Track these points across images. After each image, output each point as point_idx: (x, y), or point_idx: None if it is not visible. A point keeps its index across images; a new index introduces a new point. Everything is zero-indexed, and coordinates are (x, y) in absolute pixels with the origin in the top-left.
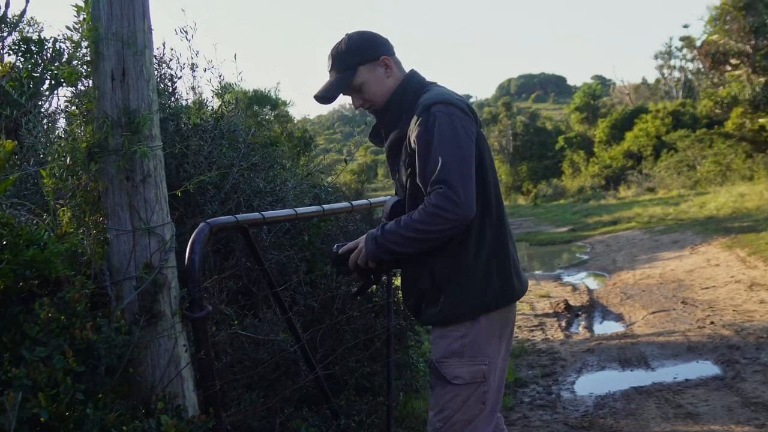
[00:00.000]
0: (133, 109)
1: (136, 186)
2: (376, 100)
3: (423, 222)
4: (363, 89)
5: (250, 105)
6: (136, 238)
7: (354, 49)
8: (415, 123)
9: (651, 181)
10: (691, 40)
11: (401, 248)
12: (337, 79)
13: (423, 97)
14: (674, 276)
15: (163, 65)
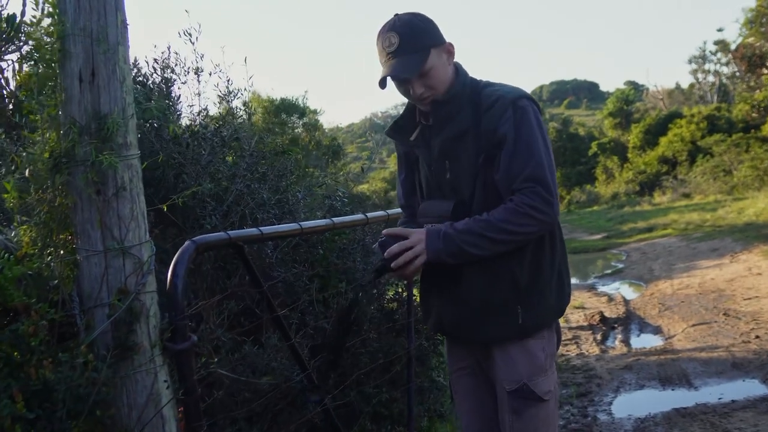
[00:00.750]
0: (104, 114)
1: (108, 200)
2: (439, 89)
3: (512, 222)
4: (430, 74)
5: (278, 113)
6: (109, 260)
7: (427, 30)
8: (500, 115)
9: (686, 186)
10: (725, 44)
11: (477, 250)
12: (414, 60)
13: (494, 89)
14: (714, 286)
15: (166, 69)
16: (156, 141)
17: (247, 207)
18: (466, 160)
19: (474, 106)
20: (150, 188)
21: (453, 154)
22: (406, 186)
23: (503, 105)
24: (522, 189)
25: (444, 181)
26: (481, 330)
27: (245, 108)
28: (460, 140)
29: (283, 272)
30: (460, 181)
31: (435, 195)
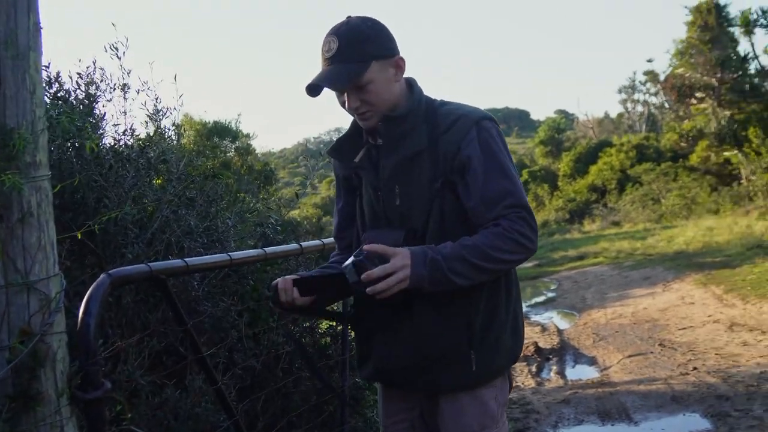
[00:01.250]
0: (9, 128)
1: (11, 228)
2: (378, 105)
3: (500, 249)
4: (368, 89)
5: (210, 136)
6: (10, 296)
7: (372, 38)
8: (462, 136)
9: (616, 214)
10: (655, 74)
11: (461, 279)
12: (349, 70)
13: (452, 108)
14: (648, 315)
15: (91, 85)
16: (76, 161)
17: (173, 235)
18: (420, 185)
19: (429, 126)
20: (68, 213)
21: (405, 177)
22: (343, 214)
23: (466, 125)
24: (507, 215)
25: (392, 208)
26: (430, 377)
27: (175, 128)
28: (413, 162)
29: (210, 307)
30: (411, 208)
31: (380, 224)
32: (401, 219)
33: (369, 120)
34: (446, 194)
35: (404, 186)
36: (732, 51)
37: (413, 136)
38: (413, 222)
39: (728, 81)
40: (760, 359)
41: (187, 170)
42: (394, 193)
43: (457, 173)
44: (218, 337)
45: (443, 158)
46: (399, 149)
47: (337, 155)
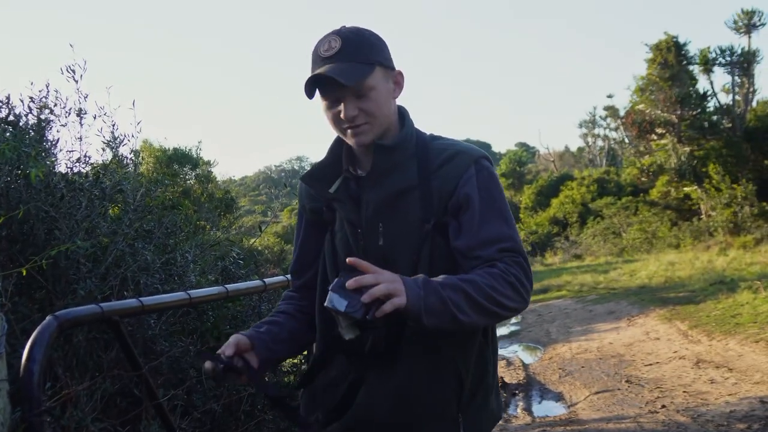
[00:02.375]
0: None
1: None
2: (377, 119)
3: (498, 291)
4: (370, 96)
5: (170, 163)
6: None
7: (376, 44)
8: (460, 174)
9: (578, 247)
10: (615, 110)
11: (461, 315)
12: (356, 69)
13: (447, 143)
14: (613, 350)
15: (44, 109)
16: (25, 191)
17: (128, 270)
18: (408, 225)
19: (420, 161)
20: (16, 245)
21: (390, 215)
22: (305, 249)
23: (464, 162)
24: (502, 258)
25: (374, 249)
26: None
27: (133, 156)
28: (400, 199)
29: (168, 346)
30: (396, 250)
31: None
32: (384, 261)
33: (363, 135)
34: (437, 237)
35: (389, 225)
36: (691, 88)
37: (403, 169)
38: (398, 266)
39: (688, 118)
40: (729, 397)
41: (144, 201)
42: (377, 232)
43: (452, 214)
44: (176, 379)
45: (437, 197)
46: (386, 183)
47: (313, 183)
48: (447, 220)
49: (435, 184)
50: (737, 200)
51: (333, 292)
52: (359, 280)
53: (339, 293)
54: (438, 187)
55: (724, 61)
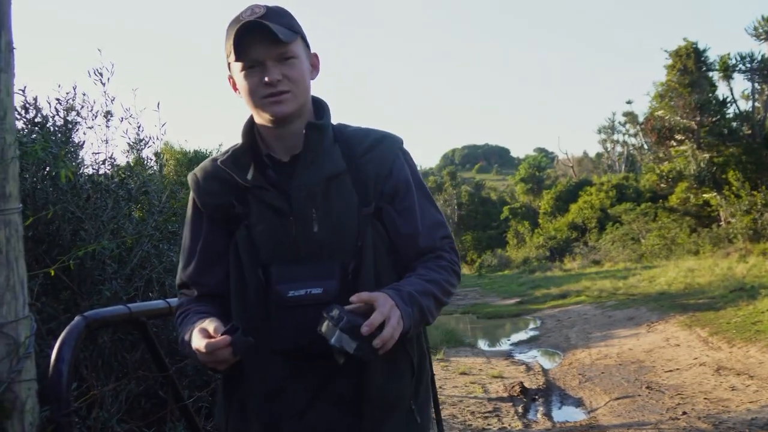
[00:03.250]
0: None
1: None
2: (299, 87)
3: (451, 283)
4: (294, 63)
5: (191, 166)
6: None
7: (296, 19)
8: (391, 159)
9: (596, 253)
10: (634, 116)
11: (430, 317)
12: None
13: (361, 129)
14: (633, 356)
15: (70, 111)
16: (51, 191)
17: (153, 271)
18: (346, 211)
19: (341, 147)
20: (42, 245)
21: (323, 201)
22: (208, 254)
23: (392, 147)
24: (443, 246)
25: (308, 237)
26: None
27: (157, 158)
28: (332, 185)
29: None
30: (335, 237)
31: (288, 257)
32: (320, 250)
33: (284, 104)
34: (376, 222)
35: (324, 211)
36: (711, 95)
37: (329, 154)
38: (338, 254)
39: (707, 124)
40: (750, 405)
41: (169, 202)
42: (311, 219)
43: (387, 198)
44: (201, 381)
45: (373, 182)
46: (315, 168)
47: (234, 169)
48: (382, 205)
49: (366, 169)
50: (757, 207)
51: (343, 333)
52: (372, 324)
53: (349, 334)
54: (372, 172)
55: (743, 68)
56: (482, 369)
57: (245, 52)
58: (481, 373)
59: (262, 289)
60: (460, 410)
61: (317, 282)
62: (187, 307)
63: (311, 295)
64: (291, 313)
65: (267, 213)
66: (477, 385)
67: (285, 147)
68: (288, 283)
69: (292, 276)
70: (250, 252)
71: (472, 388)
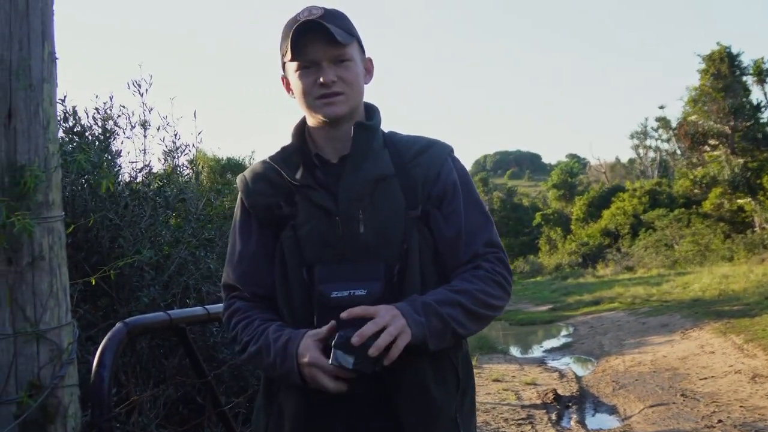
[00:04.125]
0: (21, 165)
1: (20, 272)
2: (353, 89)
3: (490, 294)
4: (349, 66)
5: (224, 173)
6: (19, 346)
7: (353, 24)
8: (440, 163)
9: (629, 259)
10: (666, 121)
11: (461, 329)
12: (341, 32)
13: (410, 136)
14: (667, 363)
15: (108, 121)
16: (90, 199)
17: (191, 278)
18: (392, 213)
19: (390, 151)
20: (81, 252)
21: (370, 203)
22: (257, 258)
23: (441, 153)
24: (486, 255)
25: (354, 238)
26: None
27: (192, 166)
28: (379, 187)
29: (229, 354)
30: (381, 238)
31: (333, 258)
32: (365, 252)
33: (337, 106)
34: (422, 226)
35: (370, 212)
36: (745, 99)
37: (378, 157)
38: (384, 256)
39: (741, 129)
40: None
41: (206, 210)
42: (357, 220)
43: (434, 202)
44: (238, 387)
45: (421, 185)
46: (363, 169)
47: (283, 168)
48: (429, 209)
49: (415, 173)
50: None
51: (336, 349)
52: (362, 333)
53: (342, 349)
54: (421, 176)
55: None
56: (515, 376)
57: (302, 51)
58: (514, 380)
59: (306, 290)
60: (494, 417)
61: (361, 283)
62: (248, 313)
63: (354, 296)
64: (334, 314)
65: (314, 213)
66: (510, 392)
67: (335, 148)
68: (331, 284)
69: (335, 276)
70: (295, 252)
71: (505, 395)
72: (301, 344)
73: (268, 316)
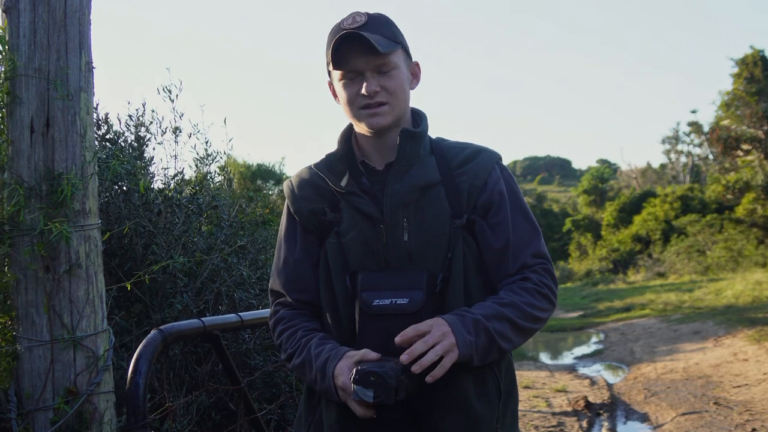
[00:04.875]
0: (58, 174)
1: (58, 280)
2: (397, 98)
3: (537, 307)
4: (393, 74)
5: (254, 179)
6: (56, 353)
7: (399, 28)
8: (488, 171)
9: (661, 265)
10: (698, 126)
11: (506, 344)
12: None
13: (458, 143)
14: (700, 371)
15: (140, 127)
16: (124, 206)
17: (223, 284)
18: (438, 221)
19: (437, 158)
20: (115, 259)
21: (415, 210)
22: (303, 266)
23: (489, 161)
24: (533, 266)
25: (397, 245)
26: None
27: (224, 173)
28: (425, 195)
29: (262, 361)
30: (424, 246)
31: (376, 265)
32: (409, 260)
33: (381, 117)
34: (467, 235)
35: (415, 220)
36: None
37: (424, 164)
38: (428, 265)
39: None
40: None
41: (238, 216)
42: (401, 228)
43: (480, 211)
44: (270, 393)
45: (467, 193)
46: (409, 176)
47: (328, 174)
48: (475, 218)
49: (461, 180)
50: None
51: (356, 385)
52: (412, 353)
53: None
54: (467, 184)
55: None
56: (545, 383)
57: (344, 61)
58: (544, 387)
59: (349, 298)
60: (524, 425)
61: (404, 292)
62: (292, 322)
63: (396, 305)
64: (376, 322)
65: (359, 219)
66: (541, 399)
67: (381, 156)
68: (374, 291)
69: (378, 284)
70: (338, 259)
71: (536, 403)
72: (337, 366)
73: (312, 326)
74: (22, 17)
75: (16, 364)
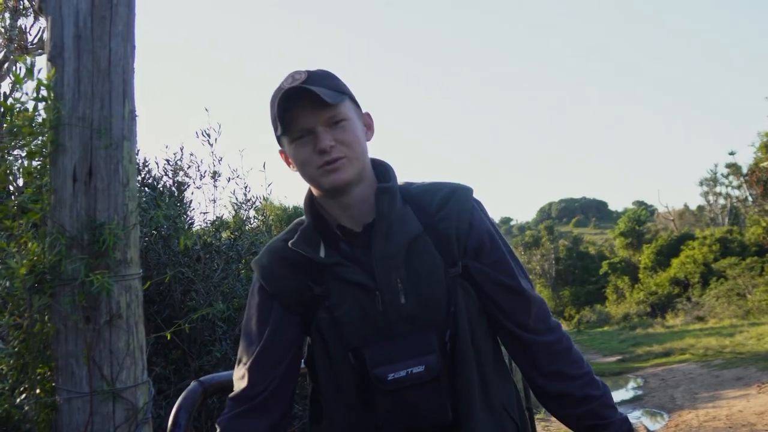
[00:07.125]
0: (100, 223)
1: (98, 330)
2: (354, 151)
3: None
4: (343, 126)
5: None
6: (95, 405)
7: (342, 81)
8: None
9: (700, 309)
10: (737, 167)
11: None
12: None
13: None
14: (744, 419)
15: (179, 172)
16: (163, 253)
17: None
18: (431, 275)
19: (413, 207)
20: (153, 305)
21: (408, 268)
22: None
23: (466, 199)
24: (554, 327)
25: (396, 312)
26: None
27: (262, 217)
28: (412, 249)
29: (301, 410)
30: (424, 306)
31: (376, 335)
32: (412, 323)
33: (341, 172)
34: (464, 282)
35: (409, 279)
36: None
37: (405, 217)
38: (431, 324)
39: None
40: None
41: None
42: (397, 290)
43: (471, 255)
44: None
45: (455, 239)
46: (393, 234)
47: (308, 250)
48: (468, 262)
49: (444, 226)
50: None
51: None
52: None
53: None
54: (451, 228)
55: None
56: None
57: (292, 121)
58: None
59: (356, 374)
60: None
61: (416, 359)
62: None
63: (413, 374)
64: (396, 397)
65: (350, 290)
66: None
67: (352, 216)
68: (386, 366)
69: (388, 357)
70: (335, 336)
71: None
72: None
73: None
74: (66, 66)
75: (56, 416)
